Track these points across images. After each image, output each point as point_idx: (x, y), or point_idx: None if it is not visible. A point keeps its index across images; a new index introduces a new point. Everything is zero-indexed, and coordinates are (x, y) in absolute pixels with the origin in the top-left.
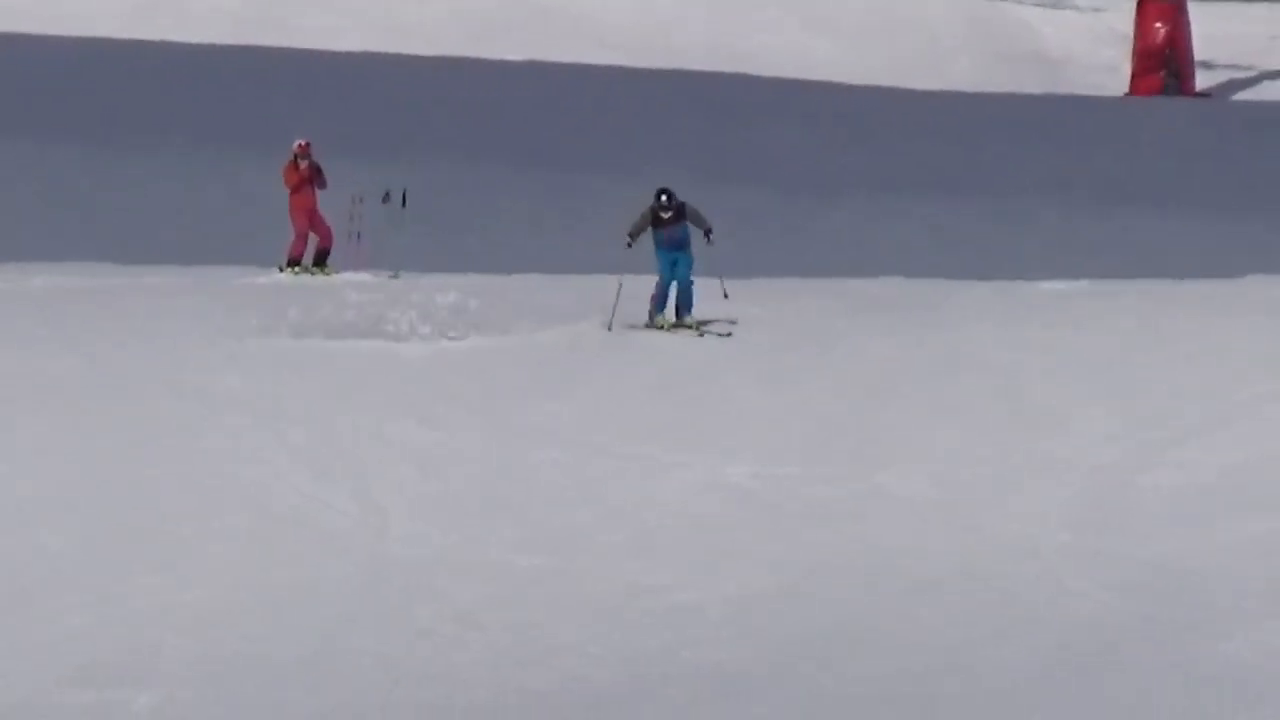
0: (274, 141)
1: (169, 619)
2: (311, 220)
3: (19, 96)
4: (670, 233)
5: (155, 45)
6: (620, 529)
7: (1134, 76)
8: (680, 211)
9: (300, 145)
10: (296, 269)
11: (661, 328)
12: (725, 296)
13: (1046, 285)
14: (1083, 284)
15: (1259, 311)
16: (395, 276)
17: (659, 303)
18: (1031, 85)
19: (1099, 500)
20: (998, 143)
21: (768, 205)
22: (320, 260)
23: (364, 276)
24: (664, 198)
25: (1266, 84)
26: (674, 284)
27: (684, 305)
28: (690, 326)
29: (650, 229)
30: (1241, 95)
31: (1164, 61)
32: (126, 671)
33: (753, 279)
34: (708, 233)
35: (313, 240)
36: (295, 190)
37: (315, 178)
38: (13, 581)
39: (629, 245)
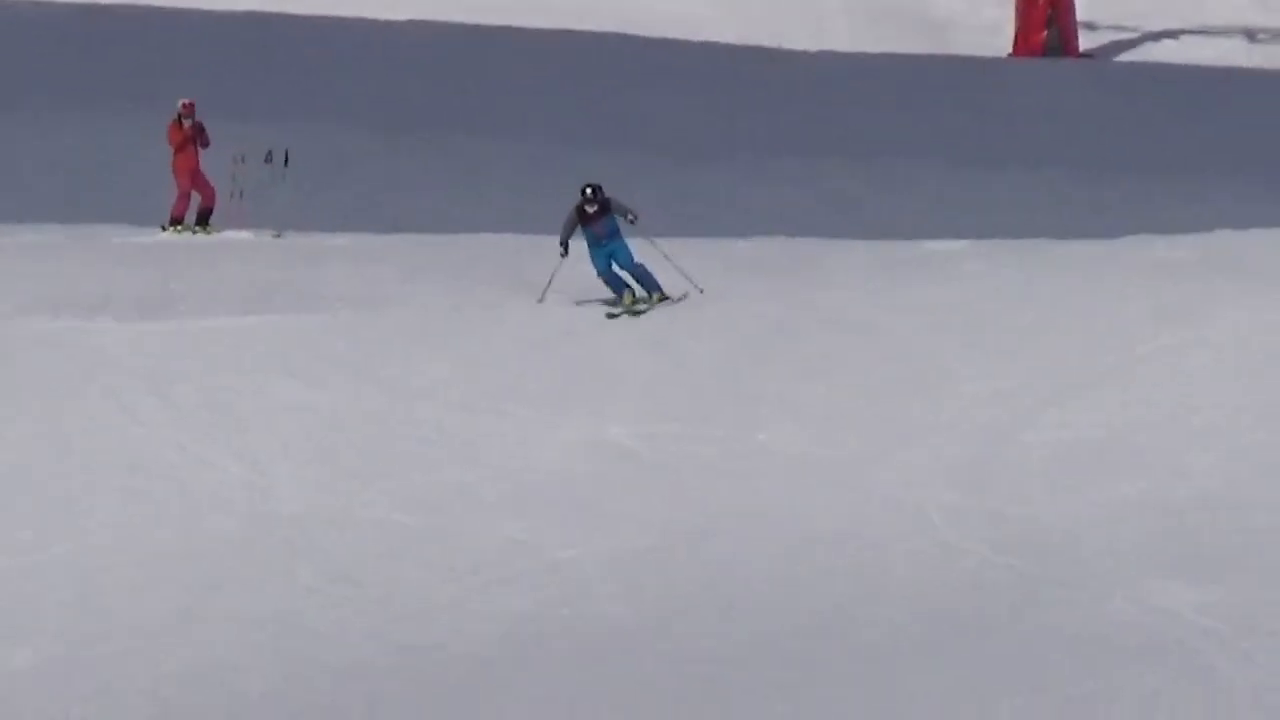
0: (158, 100)
1: (47, 576)
2: (194, 179)
3: None
4: (598, 228)
5: (36, 4)
6: (500, 488)
7: (1017, 37)
8: (605, 206)
9: (184, 104)
10: (179, 228)
11: (633, 304)
12: (701, 291)
13: (928, 245)
14: (963, 244)
15: (1138, 272)
16: (278, 236)
17: (616, 284)
18: (914, 46)
19: (980, 460)
20: (880, 104)
21: (647, 167)
22: (203, 219)
23: (246, 235)
24: (589, 192)
25: (1149, 45)
26: (622, 272)
27: (650, 288)
28: (657, 300)
29: (580, 227)
30: (1124, 57)
31: (1047, 23)
32: (3, 629)
33: (633, 238)
34: (632, 219)
35: (195, 199)
36: (179, 149)
37: (198, 137)
38: None
39: (563, 255)
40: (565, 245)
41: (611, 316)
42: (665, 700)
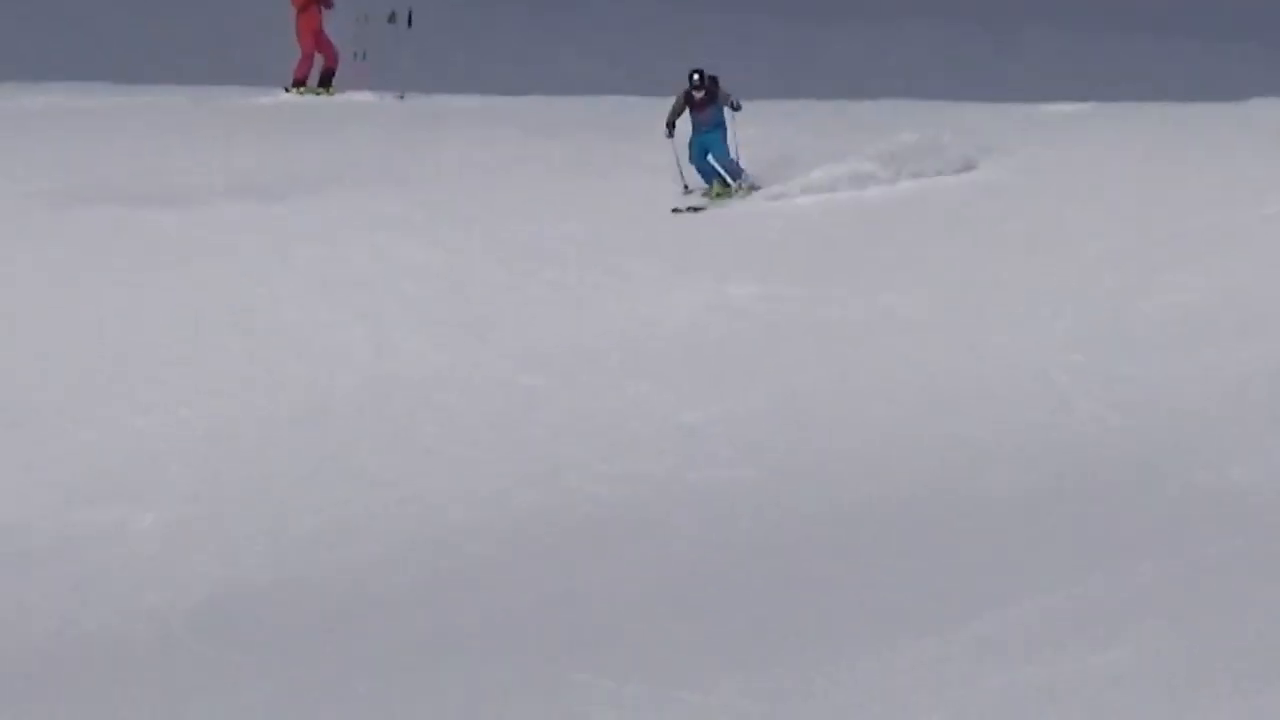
0: None
1: (173, 439)
2: (317, 40)
3: None
4: (704, 115)
5: None
6: (623, 349)
7: None
8: (712, 93)
9: None
10: (302, 89)
11: (717, 195)
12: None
13: (1051, 107)
14: (1088, 106)
15: (1261, 133)
16: (401, 97)
17: (706, 174)
18: None
19: (1100, 323)
20: None
21: (766, 28)
22: (325, 80)
23: (369, 97)
24: (696, 77)
25: None
26: (714, 163)
27: (733, 175)
28: (742, 189)
29: (687, 112)
30: None
31: None
32: (129, 491)
33: (752, 100)
34: (736, 105)
35: (318, 60)
36: (302, 10)
37: None
38: (12, 404)
39: (669, 135)
40: (671, 126)
41: (676, 211)
42: (788, 560)
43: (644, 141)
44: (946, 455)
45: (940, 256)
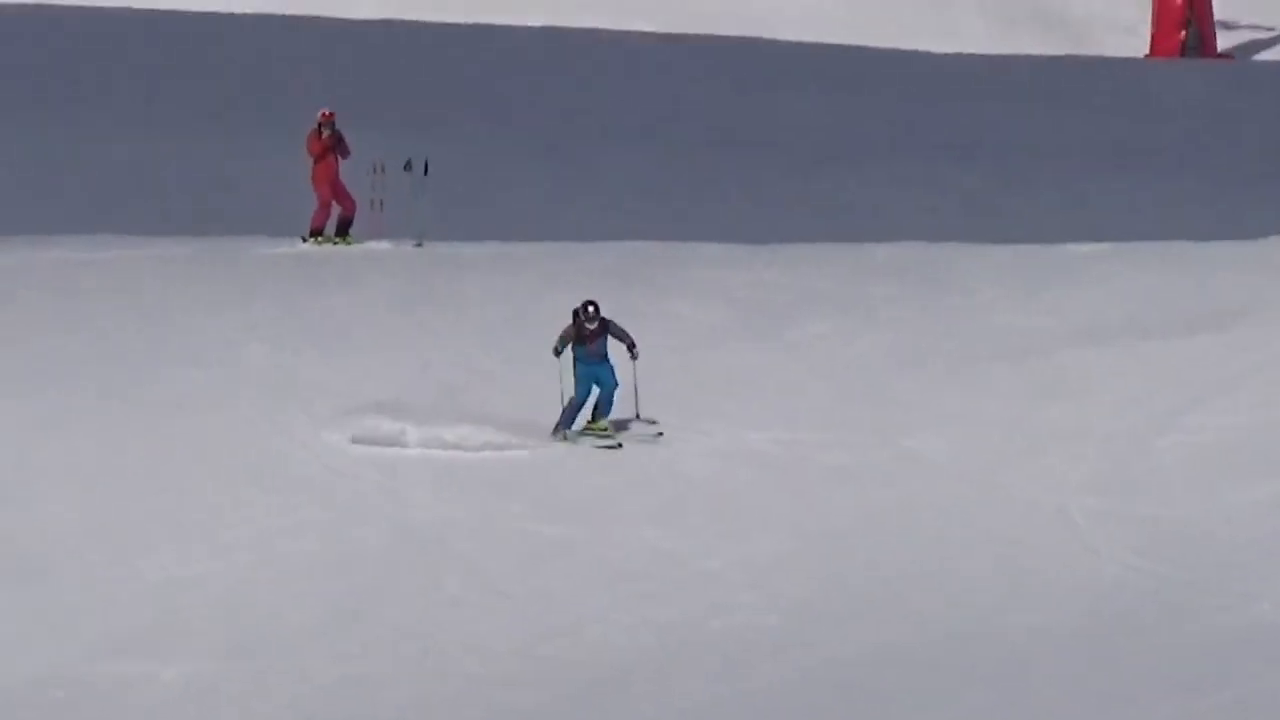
0: (297, 112)
1: (193, 592)
2: (334, 189)
3: (29, 71)
4: (594, 347)
5: (173, 14)
6: (643, 497)
7: (1154, 38)
8: (604, 326)
9: (324, 114)
10: (319, 239)
11: (565, 440)
12: (660, 435)
13: (1070, 248)
14: (1104, 246)
15: (1277, 272)
16: (418, 245)
17: (569, 417)
18: (1051, 47)
19: (1119, 464)
20: (1017, 106)
21: (784, 171)
22: (343, 229)
23: (386, 245)
24: (590, 309)
25: None
26: (597, 392)
27: (604, 408)
28: (603, 430)
29: (573, 343)
30: (1263, 56)
31: (1184, 22)
32: (153, 644)
33: (770, 245)
34: (631, 347)
35: (336, 210)
36: (318, 159)
37: (338, 146)
38: (35, 556)
39: (557, 354)
40: (559, 352)
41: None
42: (811, 709)
43: (660, 288)
44: (968, 597)
45: (957, 398)
